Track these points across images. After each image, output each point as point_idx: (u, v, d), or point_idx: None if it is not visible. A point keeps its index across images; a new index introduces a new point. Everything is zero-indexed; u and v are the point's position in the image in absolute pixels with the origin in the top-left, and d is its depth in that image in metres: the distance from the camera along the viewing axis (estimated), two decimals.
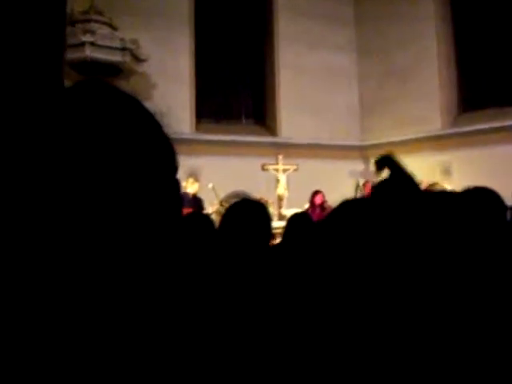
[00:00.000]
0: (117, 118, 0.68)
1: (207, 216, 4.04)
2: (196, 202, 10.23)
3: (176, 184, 0.74)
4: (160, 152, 0.72)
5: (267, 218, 2.65)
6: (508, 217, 2.54)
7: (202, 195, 10.60)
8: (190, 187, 10.20)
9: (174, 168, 0.74)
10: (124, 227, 0.65)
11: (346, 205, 1.38)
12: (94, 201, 0.64)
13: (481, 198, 2.27)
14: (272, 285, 2.07)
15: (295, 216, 4.46)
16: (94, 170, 0.64)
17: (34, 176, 0.63)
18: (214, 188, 10.62)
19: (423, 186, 12.01)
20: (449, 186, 12.66)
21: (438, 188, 12.18)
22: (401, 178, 2.69)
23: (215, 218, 7.06)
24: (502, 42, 13.68)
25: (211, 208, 10.21)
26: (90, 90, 0.71)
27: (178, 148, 0.78)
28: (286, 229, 4.27)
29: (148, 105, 0.75)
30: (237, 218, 2.55)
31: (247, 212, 2.57)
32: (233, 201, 2.70)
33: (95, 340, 0.63)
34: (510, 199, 3.38)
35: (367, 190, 11.82)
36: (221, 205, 10.41)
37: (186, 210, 6.74)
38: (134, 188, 0.66)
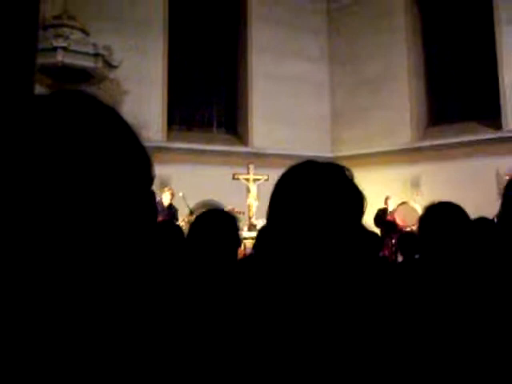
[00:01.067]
0: (93, 128, 0.68)
1: (177, 225, 4.03)
2: (170, 211, 10.15)
3: (151, 195, 0.74)
4: (136, 163, 0.72)
5: (235, 229, 2.65)
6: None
7: (174, 204, 10.56)
8: (164, 196, 10.16)
9: (150, 179, 0.74)
10: (98, 237, 0.65)
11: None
12: (69, 209, 0.63)
13: (445, 212, 2.30)
14: (238, 296, 2.06)
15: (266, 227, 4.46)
16: (67, 180, 0.64)
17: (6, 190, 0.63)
18: (184, 197, 10.57)
19: (392, 202, 12.14)
20: (418, 198, 12.84)
21: (408, 205, 12.34)
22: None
23: (185, 228, 7.03)
24: (471, 58, 13.96)
25: (182, 218, 10.14)
26: (68, 99, 0.71)
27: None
28: (257, 240, 4.27)
29: (119, 111, 0.75)
30: (205, 228, 2.55)
31: (215, 222, 2.57)
32: (201, 211, 2.70)
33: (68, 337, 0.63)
34: (475, 211, 3.44)
35: None
36: (190, 214, 10.37)
37: (159, 220, 6.68)
38: (110, 197, 0.66)
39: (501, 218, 1.91)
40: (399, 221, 11.88)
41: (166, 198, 10.17)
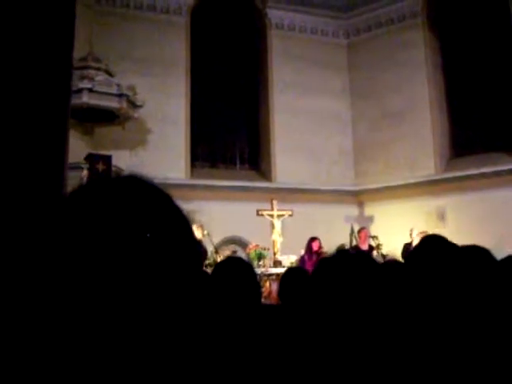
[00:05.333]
0: (149, 219, 0.71)
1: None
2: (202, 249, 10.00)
3: (203, 275, 0.76)
4: (187, 254, 0.74)
5: (254, 279, 2.58)
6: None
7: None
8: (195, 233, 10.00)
9: (200, 262, 0.77)
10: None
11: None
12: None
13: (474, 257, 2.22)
14: (264, 345, 2.02)
15: (289, 272, 4.35)
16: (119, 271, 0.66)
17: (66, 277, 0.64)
18: (209, 234, 10.52)
19: (415, 234, 11.98)
20: (444, 230, 12.68)
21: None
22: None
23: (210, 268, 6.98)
24: (492, 89, 13.92)
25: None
26: (128, 188, 0.74)
27: (172, 193, 0.79)
28: (281, 285, 4.17)
29: (144, 150, 0.77)
30: (224, 279, 2.47)
31: (234, 275, 2.49)
32: (222, 258, 2.66)
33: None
34: (500, 242, 3.39)
35: (362, 237, 11.77)
36: (216, 252, 10.34)
37: None
38: (164, 274, 0.69)
39: None
40: None
41: (196, 235, 10.02)
